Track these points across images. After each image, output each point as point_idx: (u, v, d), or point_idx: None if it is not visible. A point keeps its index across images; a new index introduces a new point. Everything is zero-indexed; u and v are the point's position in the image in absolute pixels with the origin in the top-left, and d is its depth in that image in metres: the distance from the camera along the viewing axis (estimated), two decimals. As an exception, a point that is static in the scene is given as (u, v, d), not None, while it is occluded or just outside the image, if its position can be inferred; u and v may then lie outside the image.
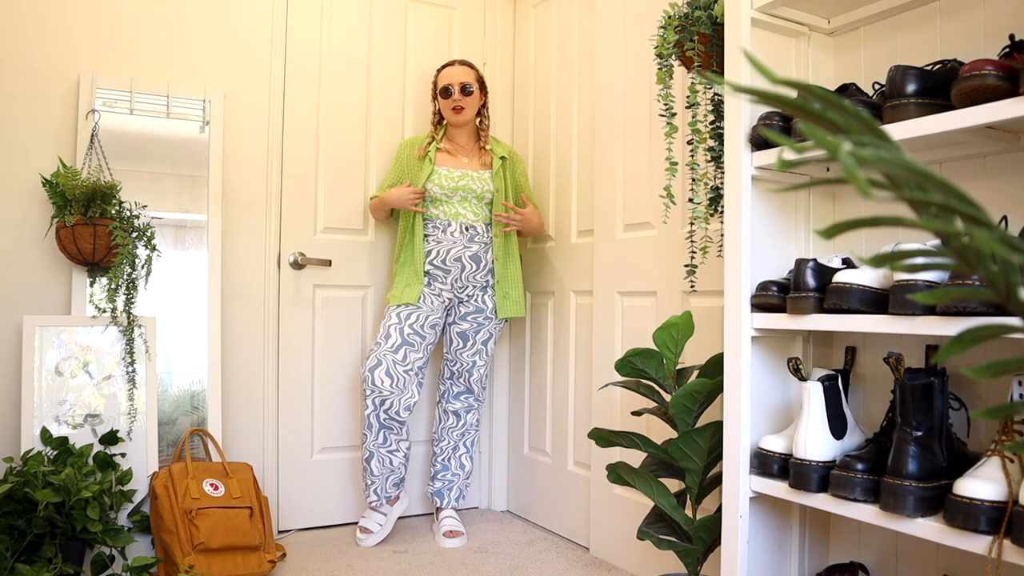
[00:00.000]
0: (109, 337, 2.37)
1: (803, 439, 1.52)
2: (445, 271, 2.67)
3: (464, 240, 2.67)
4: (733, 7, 1.68)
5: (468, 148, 2.78)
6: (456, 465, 2.82)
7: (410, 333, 2.63)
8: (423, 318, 2.65)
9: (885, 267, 0.45)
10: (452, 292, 2.71)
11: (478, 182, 2.70)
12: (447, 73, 2.74)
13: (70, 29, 2.49)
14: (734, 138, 1.66)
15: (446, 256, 2.66)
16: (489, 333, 2.78)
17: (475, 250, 2.68)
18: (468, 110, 2.72)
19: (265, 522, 2.38)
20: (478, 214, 2.71)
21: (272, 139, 2.79)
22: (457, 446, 2.82)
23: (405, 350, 2.62)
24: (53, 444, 2.18)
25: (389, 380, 2.59)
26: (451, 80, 2.71)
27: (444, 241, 2.66)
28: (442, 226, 2.67)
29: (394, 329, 2.62)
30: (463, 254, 2.66)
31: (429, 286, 2.68)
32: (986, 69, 1.25)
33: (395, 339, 2.61)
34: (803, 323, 1.53)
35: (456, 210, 2.68)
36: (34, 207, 2.42)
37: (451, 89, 2.70)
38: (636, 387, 1.90)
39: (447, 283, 2.69)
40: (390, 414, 2.63)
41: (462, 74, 2.72)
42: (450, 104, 2.70)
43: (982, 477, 1.26)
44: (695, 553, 1.77)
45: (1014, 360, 0.43)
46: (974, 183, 1.54)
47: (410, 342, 2.63)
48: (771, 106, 0.59)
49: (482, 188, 2.70)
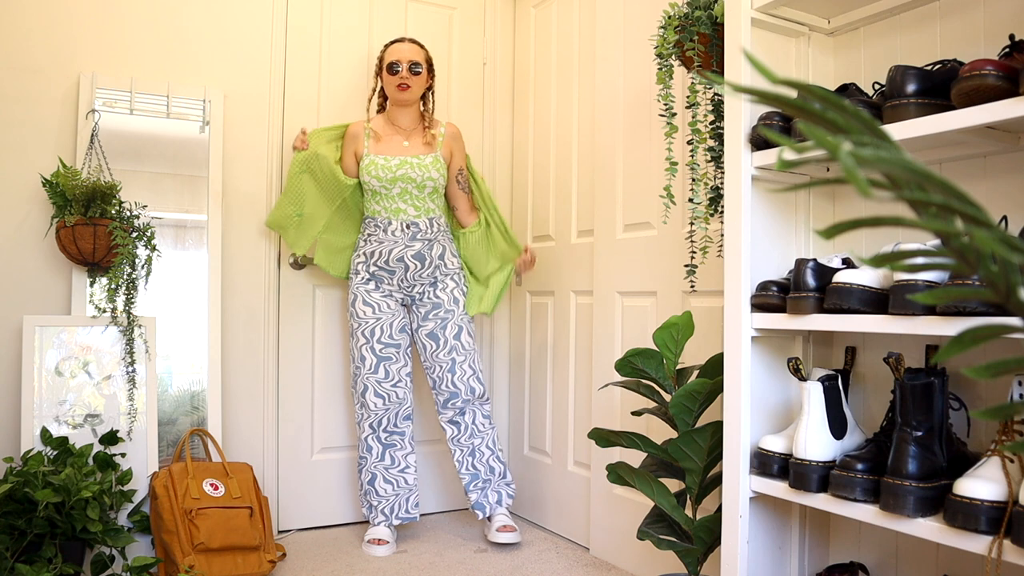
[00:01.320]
0: (109, 337, 2.37)
1: (803, 439, 1.52)
2: (390, 272, 2.59)
3: (406, 239, 2.56)
4: (733, 7, 1.68)
5: (410, 130, 2.65)
6: (486, 471, 2.67)
7: (382, 348, 2.58)
8: (387, 327, 2.60)
9: (885, 267, 0.45)
10: (402, 292, 2.64)
11: (418, 170, 2.55)
12: (396, 49, 2.61)
13: (70, 29, 2.49)
14: (734, 138, 1.66)
15: (388, 256, 2.56)
16: (458, 326, 2.64)
17: (418, 248, 2.57)
18: (414, 89, 2.59)
19: (265, 522, 2.38)
20: (419, 208, 2.58)
21: (272, 139, 2.79)
22: (474, 451, 2.67)
23: (384, 366, 2.59)
24: (53, 444, 2.18)
25: (381, 400, 2.58)
26: (399, 56, 2.58)
27: (385, 241, 2.56)
28: (383, 225, 2.57)
29: (366, 350, 2.58)
30: (405, 254, 2.56)
31: (378, 289, 2.61)
32: (986, 69, 1.25)
33: (370, 360, 2.58)
34: (803, 323, 1.53)
35: (396, 206, 2.57)
36: (34, 207, 2.42)
37: (398, 67, 2.56)
38: (636, 387, 1.90)
39: (394, 283, 2.61)
40: (389, 430, 2.61)
41: (412, 52, 2.60)
42: (396, 81, 2.56)
43: (982, 477, 1.26)
44: (695, 553, 1.77)
45: (1014, 360, 0.43)
46: (974, 183, 1.54)
47: (385, 356, 2.59)
48: (771, 106, 0.59)
49: (422, 176, 2.55)
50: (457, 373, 2.64)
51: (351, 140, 2.64)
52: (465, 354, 2.65)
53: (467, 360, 2.65)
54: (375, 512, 2.62)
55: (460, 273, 2.69)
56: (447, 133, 2.69)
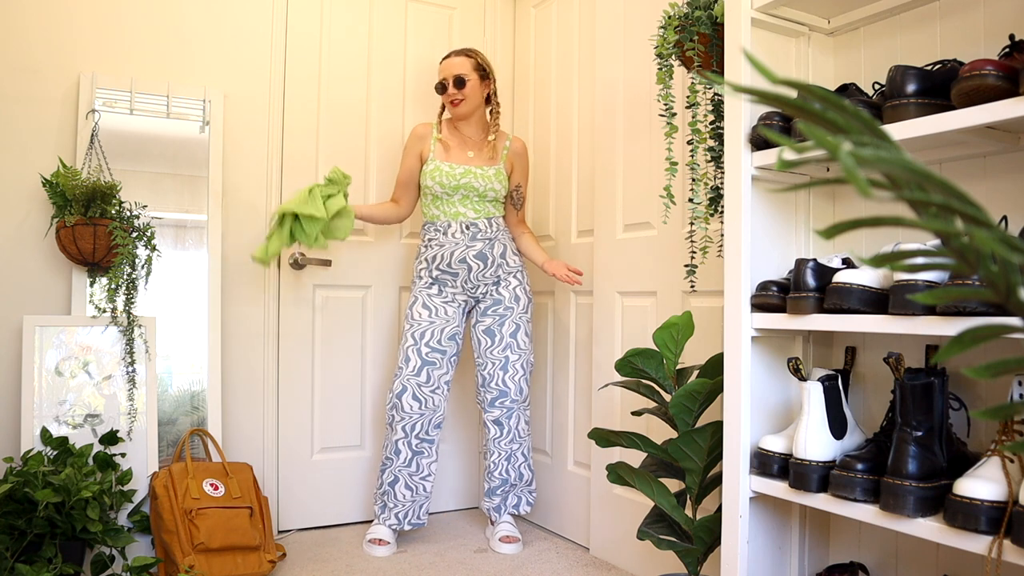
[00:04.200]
0: (109, 337, 2.37)
1: (803, 439, 1.52)
2: (453, 274, 2.59)
3: (466, 240, 2.58)
4: (733, 7, 1.68)
5: (476, 140, 2.69)
6: (515, 476, 2.66)
7: (428, 352, 2.57)
8: (439, 332, 2.59)
9: (885, 267, 0.45)
10: (466, 295, 2.64)
11: (481, 180, 2.60)
12: (443, 66, 2.66)
13: (70, 29, 2.49)
14: (734, 138, 1.66)
15: (451, 259, 2.58)
16: (515, 324, 2.62)
17: (479, 248, 2.59)
18: (467, 102, 2.62)
19: (265, 522, 2.38)
20: (479, 211, 2.62)
21: (272, 139, 2.79)
22: (511, 456, 2.65)
23: (427, 370, 2.57)
24: (53, 444, 2.18)
25: (417, 404, 2.56)
26: (445, 74, 2.63)
27: (446, 244, 2.59)
28: (443, 228, 2.60)
29: (412, 351, 2.57)
30: (467, 254, 2.58)
31: (441, 293, 2.62)
32: (986, 69, 1.25)
33: (415, 362, 2.56)
34: (803, 323, 1.53)
35: (456, 209, 2.60)
36: (34, 207, 2.42)
37: (445, 84, 2.62)
38: (636, 387, 1.90)
39: (457, 286, 2.61)
40: (421, 436, 2.59)
41: (456, 66, 2.62)
42: (448, 99, 2.63)
43: (982, 477, 1.26)
44: (695, 553, 1.77)
45: (1014, 360, 0.43)
46: (974, 183, 1.54)
47: (430, 360, 2.57)
48: (771, 106, 0.59)
49: (485, 186, 2.60)
50: (509, 372, 2.61)
51: (417, 140, 2.68)
52: (520, 353, 2.63)
53: (521, 360, 2.63)
54: (388, 514, 2.60)
55: (523, 271, 2.69)
56: (512, 148, 2.72)
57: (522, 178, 2.75)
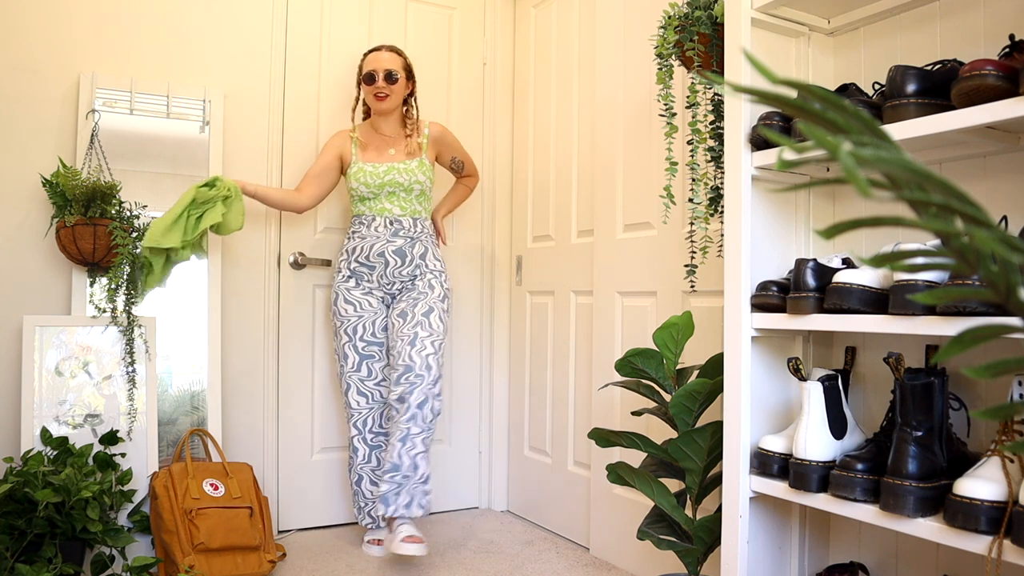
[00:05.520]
0: (109, 337, 2.37)
1: (803, 439, 1.52)
2: (370, 267, 2.58)
3: (388, 235, 2.57)
4: (733, 7, 1.68)
5: (394, 137, 2.66)
6: (408, 465, 2.38)
7: (364, 346, 2.59)
8: (369, 324, 2.59)
9: (885, 267, 0.45)
10: (382, 289, 2.62)
11: (404, 174, 2.58)
12: (372, 58, 2.60)
13: (70, 29, 2.49)
14: (734, 138, 1.66)
15: (369, 252, 2.57)
16: (429, 307, 2.54)
17: (399, 244, 2.57)
18: (392, 98, 2.58)
19: (265, 522, 2.38)
20: (405, 208, 2.60)
21: (272, 139, 2.79)
22: (407, 439, 2.38)
23: (367, 364, 2.59)
24: (53, 444, 2.18)
25: (364, 399, 2.58)
26: (376, 66, 2.58)
27: (368, 237, 2.57)
28: (367, 222, 2.59)
29: (349, 348, 2.59)
30: (386, 248, 2.56)
31: (359, 286, 2.61)
32: (986, 69, 1.25)
33: (353, 358, 2.58)
34: (803, 323, 1.53)
35: (382, 205, 2.59)
36: (34, 207, 2.42)
37: (375, 75, 2.56)
38: (636, 387, 1.90)
39: (373, 279, 2.60)
40: (374, 431, 2.60)
41: (387, 61, 2.59)
42: (373, 91, 2.57)
43: (982, 477, 1.26)
44: (695, 553, 1.77)
45: (1014, 360, 0.43)
46: (974, 183, 1.54)
47: (367, 354, 2.59)
48: (771, 106, 0.59)
49: (410, 180, 2.58)
50: (416, 347, 2.46)
51: (337, 139, 2.67)
52: (430, 331, 2.50)
53: (431, 338, 2.49)
54: (362, 514, 2.62)
55: (443, 274, 2.65)
56: (431, 136, 2.69)
57: (455, 153, 2.77)
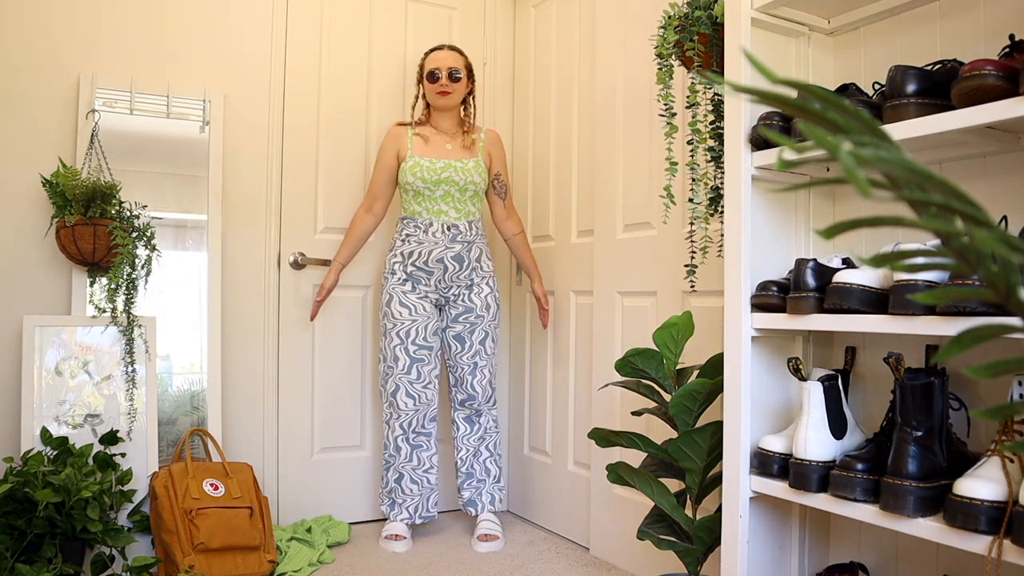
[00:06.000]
0: (109, 337, 2.37)
1: (803, 439, 1.52)
2: (428, 273, 2.61)
3: (446, 240, 2.60)
4: (733, 7, 1.68)
5: (451, 134, 2.71)
6: (481, 471, 2.74)
7: (415, 349, 2.61)
8: (422, 329, 2.62)
9: (885, 267, 0.45)
10: (437, 293, 2.66)
11: (461, 173, 2.61)
12: (435, 57, 2.67)
13: (70, 29, 2.49)
14: (734, 138, 1.66)
15: (428, 257, 2.60)
16: (484, 332, 2.69)
17: (457, 250, 2.61)
18: (454, 95, 2.65)
19: (265, 522, 2.38)
20: (460, 211, 2.64)
21: (272, 139, 2.79)
22: (478, 451, 2.75)
23: (417, 367, 2.62)
24: (53, 444, 2.18)
25: (411, 400, 2.61)
26: (439, 64, 2.64)
27: (426, 242, 2.60)
28: (423, 226, 2.61)
29: (400, 351, 2.61)
30: (445, 255, 2.60)
31: (415, 290, 2.63)
32: (986, 69, 1.25)
33: (404, 360, 2.61)
34: (803, 323, 1.53)
35: (439, 207, 2.62)
36: (34, 207, 2.42)
37: (438, 73, 2.63)
38: (636, 387, 1.90)
39: (431, 284, 2.64)
40: (417, 431, 2.65)
41: (451, 59, 2.66)
42: (436, 88, 2.63)
43: (982, 477, 1.26)
44: (695, 553, 1.77)
45: (1014, 360, 0.43)
46: (974, 183, 1.54)
47: (418, 358, 2.62)
48: (771, 106, 0.59)
49: (465, 180, 2.62)
50: (477, 377, 2.70)
51: (393, 140, 2.69)
52: (487, 359, 2.72)
53: (488, 365, 2.72)
54: (399, 509, 2.65)
55: (494, 277, 2.73)
56: (487, 139, 2.75)
57: (501, 167, 2.79)
